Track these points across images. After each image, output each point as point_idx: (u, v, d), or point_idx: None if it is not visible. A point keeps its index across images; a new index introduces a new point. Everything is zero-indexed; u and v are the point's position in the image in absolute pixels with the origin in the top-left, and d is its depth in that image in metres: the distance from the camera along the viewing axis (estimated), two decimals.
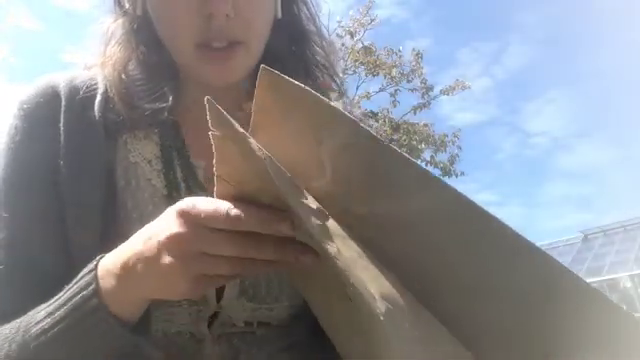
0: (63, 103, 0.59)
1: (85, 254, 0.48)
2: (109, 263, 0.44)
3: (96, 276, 0.44)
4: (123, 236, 0.44)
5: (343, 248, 0.33)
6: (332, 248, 0.31)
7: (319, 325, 0.49)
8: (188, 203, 0.39)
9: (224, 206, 0.37)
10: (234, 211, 0.37)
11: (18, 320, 0.47)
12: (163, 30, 0.59)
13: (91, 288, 0.43)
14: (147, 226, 0.42)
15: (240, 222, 0.37)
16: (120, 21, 0.64)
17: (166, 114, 0.59)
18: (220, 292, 0.55)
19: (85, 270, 0.45)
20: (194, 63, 0.58)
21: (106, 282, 0.43)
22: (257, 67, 0.64)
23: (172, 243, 0.39)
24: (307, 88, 0.36)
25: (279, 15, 0.62)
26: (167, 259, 0.39)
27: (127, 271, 0.42)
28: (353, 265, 0.32)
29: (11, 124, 0.59)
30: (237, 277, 0.50)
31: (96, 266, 0.45)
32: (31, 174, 0.56)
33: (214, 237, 0.38)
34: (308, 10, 0.68)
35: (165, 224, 0.40)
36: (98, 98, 0.60)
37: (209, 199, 0.39)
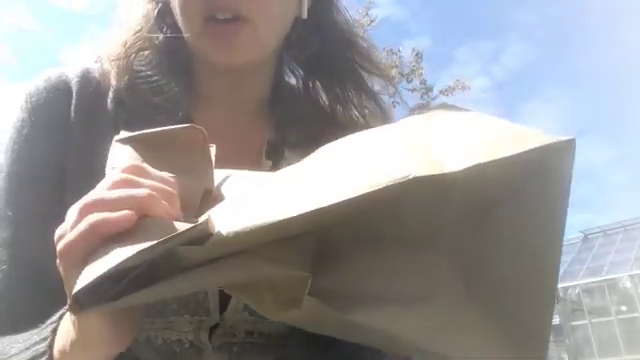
0: (74, 100, 0.57)
1: None
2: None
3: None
4: None
5: None
6: None
7: (318, 335, 0.48)
8: None
9: None
10: None
11: None
12: (176, 6, 0.58)
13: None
14: None
15: None
16: (141, 5, 0.64)
17: (180, 114, 0.58)
18: (224, 304, 0.54)
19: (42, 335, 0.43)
20: (202, 40, 0.57)
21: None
22: (272, 55, 0.66)
23: None
24: None
25: (304, 15, 0.62)
26: None
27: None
28: None
29: (18, 117, 0.57)
30: None
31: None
32: (38, 171, 0.55)
33: None
34: (344, 18, 0.70)
35: None
36: (110, 96, 0.58)
37: None
